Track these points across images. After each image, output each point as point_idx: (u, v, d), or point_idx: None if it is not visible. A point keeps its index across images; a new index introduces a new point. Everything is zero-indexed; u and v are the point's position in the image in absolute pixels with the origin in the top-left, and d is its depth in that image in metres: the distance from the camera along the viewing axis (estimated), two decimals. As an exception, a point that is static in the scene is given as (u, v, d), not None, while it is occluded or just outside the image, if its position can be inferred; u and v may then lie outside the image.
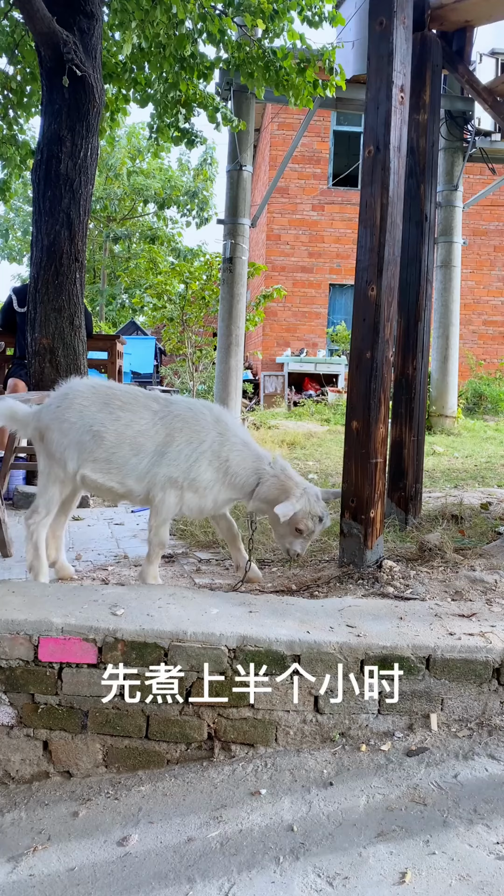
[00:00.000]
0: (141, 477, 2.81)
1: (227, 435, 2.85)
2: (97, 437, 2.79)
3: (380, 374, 3.07)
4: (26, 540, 2.92)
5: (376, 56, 3.07)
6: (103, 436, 2.79)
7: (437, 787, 2.00)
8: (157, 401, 2.91)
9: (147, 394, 2.95)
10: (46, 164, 4.85)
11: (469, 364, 14.67)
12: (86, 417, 2.81)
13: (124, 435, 2.80)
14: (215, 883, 1.70)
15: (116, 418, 2.81)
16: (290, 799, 1.99)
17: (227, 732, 2.19)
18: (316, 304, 15.71)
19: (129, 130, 20.36)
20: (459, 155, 9.67)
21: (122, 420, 2.81)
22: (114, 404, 2.84)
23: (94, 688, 2.18)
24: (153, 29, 5.58)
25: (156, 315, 13.78)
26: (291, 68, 6.18)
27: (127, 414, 2.83)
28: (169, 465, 2.78)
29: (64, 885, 1.74)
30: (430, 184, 4.01)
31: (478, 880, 1.67)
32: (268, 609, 2.45)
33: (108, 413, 2.82)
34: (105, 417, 2.81)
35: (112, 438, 2.79)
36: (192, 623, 2.25)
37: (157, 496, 2.81)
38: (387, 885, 1.66)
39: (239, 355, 9.17)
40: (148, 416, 2.84)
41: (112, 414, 2.82)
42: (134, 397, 2.89)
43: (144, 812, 1.99)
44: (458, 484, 5.63)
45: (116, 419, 2.81)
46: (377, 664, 2.21)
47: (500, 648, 2.25)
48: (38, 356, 4.90)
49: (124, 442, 2.79)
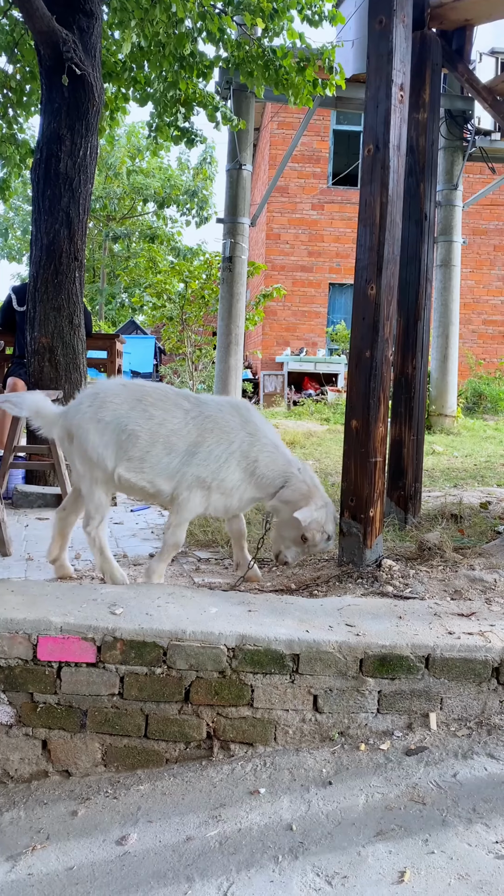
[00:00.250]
0: (171, 476, 2.80)
1: (258, 436, 2.84)
2: (132, 437, 2.78)
3: (379, 374, 3.07)
4: (90, 546, 2.92)
5: (376, 55, 3.07)
6: (138, 435, 2.78)
7: (436, 787, 2.00)
8: (188, 399, 2.90)
9: (178, 392, 2.94)
10: (46, 163, 4.85)
11: (469, 363, 14.67)
12: (120, 416, 2.80)
13: (158, 434, 2.79)
14: (214, 882, 1.70)
15: (150, 417, 2.81)
16: (289, 798, 1.99)
17: (226, 731, 2.19)
18: (315, 303, 15.71)
19: (129, 129, 20.36)
20: (459, 154, 9.67)
21: (156, 419, 2.81)
22: (146, 402, 2.83)
23: (93, 687, 2.18)
24: (153, 28, 5.58)
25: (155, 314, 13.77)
26: (291, 67, 6.18)
27: (160, 412, 2.82)
28: (199, 465, 2.77)
29: (63, 885, 1.74)
30: (429, 183, 4.01)
31: (477, 879, 1.67)
32: (267, 608, 2.45)
33: (141, 411, 2.81)
34: (139, 416, 2.80)
35: (146, 437, 2.78)
36: (191, 622, 2.25)
37: (181, 495, 2.79)
38: (386, 884, 1.66)
39: (238, 354, 9.17)
40: (180, 416, 2.83)
41: (145, 412, 2.81)
42: (165, 395, 2.89)
43: (143, 811, 1.99)
44: (458, 483, 5.63)
45: (150, 417, 2.80)
46: (376, 663, 2.21)
47: (500, 647, 2.25)
48: (37, 355, 4.90)
49: (158, 441, 2.79)
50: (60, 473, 4.62)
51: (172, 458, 2.79)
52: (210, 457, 2.77)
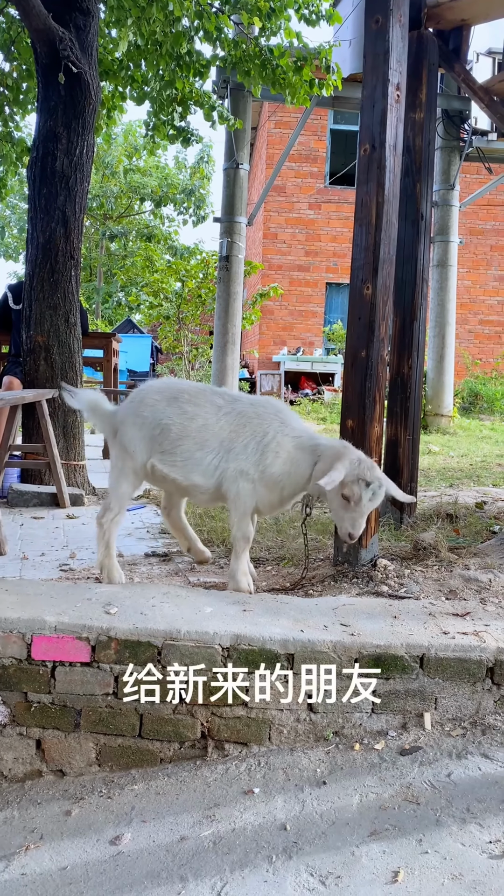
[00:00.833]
0: (207, 472, 2.85)
1: (289, 422, 2.88)
2: (165, 430, 2.87)
3: (375, 373, 3.07)
4: (98, 538, 2.96)
5: (372, 54, 3.07)
6: (170, 428, 2.86)
7: (430, 786, 2.00)
8: (223, 397, 2.96)
9: (214, 389, 3.00)
10: (42, 161, 4.84)
11: (465, 363, 14.68)
12: (157, 412, 2.90)
13: (188, 428, 2.86)
14: (208, 882, 1.70)
15: (182, 412, 2.88)
16: (283, 798, 1.99)
17: (221, 731, 2.19)
18: (312, 302, 15.72)
19: (126, 128, 20.31)
20: (456, 154, 9.67)
21: (188, 414, 2.88)
22: (182, 398, 2.92)
23: (87, 686, 2.17)
24: (149, 26, 5.57)
25: (152, 313, 13.77)
26: (288, 66, 6.17)
27: (192, 408, 2.89)
28: (237, 458, 2.81)
29: (56, 885, 1.73)
30: (426, 182, 4.00)
31: (470, 879, 1.67)
32: (262, 608, 2.45)
33: (175, 407, 2.90)
34: (172, 411, 2.89)
35: (177, 431, 2.86)
36: (185, 622, 2.25)
37: (230, 490, 2.83)
38: (379, 884, 1.66)
39: (235, 354, 9.17)
40: (212, 412, 2.89)
41: (179, 408, 2.89)
42: (201, 392, 2.95)
43: (137, 811, 1.99)
44: (454, 483, 5.63)
45: (182, 413, 2.88)
46: (371, 663, 2.21)
47: (494, 647, 2.26)
48: (32, 354, 4.89)
49: (188, 435, 2.85)
50: (56, 472, 4.62)
51: (205, 453, 2.84)
52: (247, 450, 2.82)
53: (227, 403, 2.92)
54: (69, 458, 4.94)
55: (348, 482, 2.68)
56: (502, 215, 15.76)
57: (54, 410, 4.85)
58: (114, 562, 2.94)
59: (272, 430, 2.83)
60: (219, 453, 2.84)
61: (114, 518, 2.94)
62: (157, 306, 13.42)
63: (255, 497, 2.84)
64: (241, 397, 2.98)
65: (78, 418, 5.05)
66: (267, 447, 2.81)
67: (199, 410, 2.88)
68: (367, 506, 2.71)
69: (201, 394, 2.94)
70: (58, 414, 4.89)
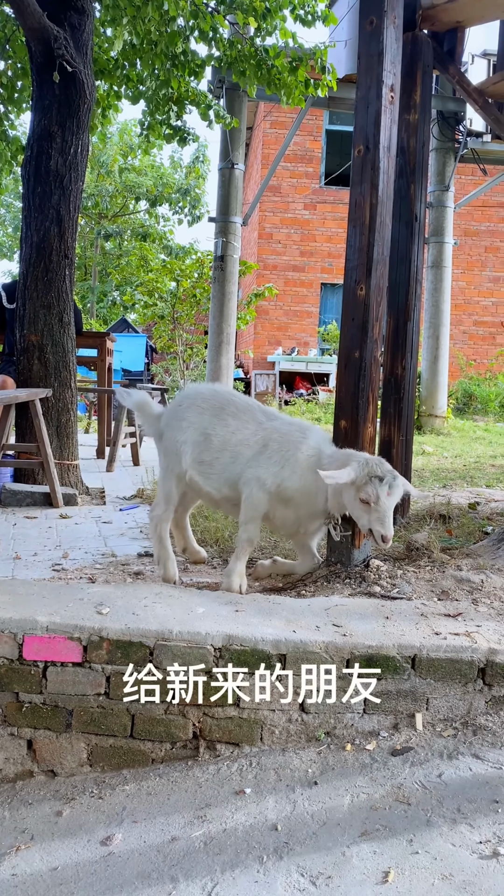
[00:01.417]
0: (233, 483, 2.89)
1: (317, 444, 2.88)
2: (207, 440, 2.91)
3: (368, 374, 3.08)
4: (150, 532, 3.09)
5: (366, 55, 3.07)
6: (211, 439, 2.91)
7: (421, 787, 2.00)
8: (266, 414, 3.00)
9: (260, 407, 3.03)
10: (36, 160, 4.83)
11: (459, 364, 14.72)
12: (203, 420, 2.94)
13: (228, 441, 2.90)
14: (198, 882, 1.70)
15: (226, 425, 2.92)
16: (274, 798, 1.99)
17: (213, 731, 2.19)
18: (307, 303, 15.72)
19: (122, 127, 20.28)
20: (451, 155, 9.69)
21: (230, 427, 2.92)
22: (228, 411, 2.96)
23: (78, 686, 2.17)
24: (145, 25, 5.57)
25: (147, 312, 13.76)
26: (283, 67, 6.17)
27: (235, 422, 2.93)
28: (258, 465, 2.85)
29: (47, 885, 1.73)
30: (420, 184, 4.01)
31: (460, 880, 1.67)
32: (254, 608, 2.45)
33: (220, 419, 2.94)
34: (218, 423, 2.93)
35: (217, 443, 2.90)
36: (177, 622, 2.25)
37: (244, 492, 2.86)
38: (370, 884, 1.66)
39: (230, 353, 9.17)
40: (252, 428, 2.93)
41: (223, 420, 2.93)
42: (248, 407, 2.99)
43: (129, 811, 1.98)
44: (447, 483, 5.64)
45: (226, 426, 2.92)
46: (363, 663, 2.21)
47: (486, 648, 2.26)
48: (26, 353, 4.88)
49: (227, 448, 2.90)
50: (49, 472, 4.61)
51: (237, 465, 2.89)
52: (270, 460, 2.85)
53: (267, 420, 2.96)
54: (63, 457, 4.93)
55: (361, 485, 2.63)
56: (497, 217, 15.80)
57: (48, 410, 4.84)
58: (168, 552, 3.03)
59: (294, 447, 2.86)
60: (245, 465, 2.89)
61: (162, 514, 3.04)
62: (151, 306, 13.40)
63: (267, 505, 2.86)
64: (279, 416, 3.03)
65: (71, 417, 5.04)
66: (287, 461, 2.83)
67: (241, 425, 2.92)
68: (387, 502, 2.64)
69: (248, 409, 2.98)
70: (51, 413, 4.88)
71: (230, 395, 3.04)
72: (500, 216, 15.80)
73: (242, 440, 2.90)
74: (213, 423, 2.93)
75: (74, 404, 5.08)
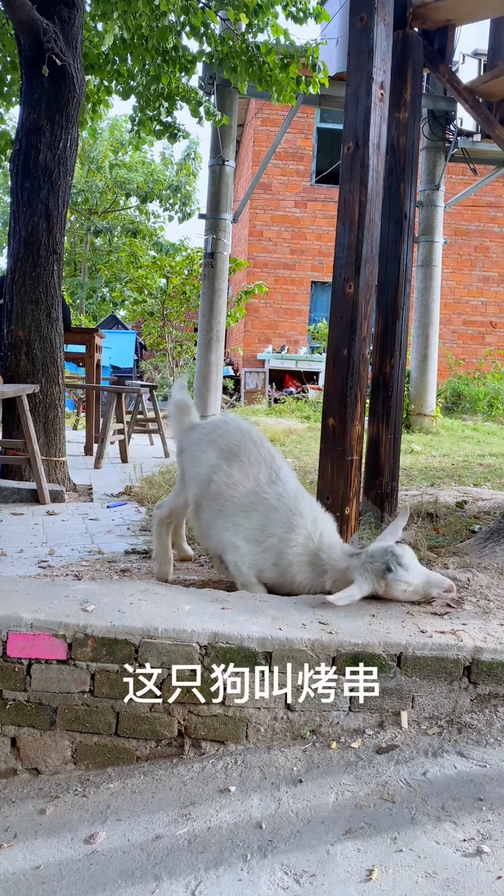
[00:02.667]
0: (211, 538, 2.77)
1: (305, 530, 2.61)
2: (209, 484, 2.74)
3: (356, 372, 3.07)
4: (153, 529, 3.10)
5: (356, 52, 3.07)
6: (211, 486, 2.73)
7: (405, 785, 2.00)
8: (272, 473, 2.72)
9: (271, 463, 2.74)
10: (25, 154, 4.80)
11: (448, 363, 14.77)
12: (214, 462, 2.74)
13: (221, 493, 2.71)
14: (182, 881, 1.69)
15: (228, 475, 2.71)
16: (259, 796, 1.98)
17: (198, 729, 2.18)
18: (297, 301, 15.72)
19: (112, 123, 20.19)
20: (441, 155, 9.71)
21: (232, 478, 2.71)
22: (240, 459, 2.73)
23: (63, 684, 2.16)
24: (135, 20, 5.54)
25: (136, 309, 13.72)
26: (275, 64, 6.16)
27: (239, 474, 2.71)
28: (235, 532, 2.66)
29: (29, 884, 1.72)
30: (409, 182, 4.01)
31: (444, 877, 1.67)
32: (241, 606, 2.44)
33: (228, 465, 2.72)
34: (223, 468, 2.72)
35: (213, 490, 2.73)
36: (163, 620, 2.24)
37: (225, 558, 2.73)
38: (353, 882, 1.66)
39: (220, 351, 9.15)
40: (251, 485, 2.70)
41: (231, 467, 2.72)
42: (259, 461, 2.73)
43: (113, 809, 1.97)
44: (435, 482, 5.66)
45: (228, 476, 2.71)
46: (349, 661, 2.21)
47: (471, 646, 2.26)
48: (13, 349, 4.85)
49: (218, 498, 2.72)
50: (36, 468, 4.58)
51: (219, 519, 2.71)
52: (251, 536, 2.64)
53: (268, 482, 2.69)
54: (50, 454, 4.91)
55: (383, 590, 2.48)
56: (487, 216, 15.86)
57: (35, 406, 4.81)
58: (165, 552, 3.02)
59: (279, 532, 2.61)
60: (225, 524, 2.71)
61: (163, 516, 3.03)
62: (141, 302, 13.37)
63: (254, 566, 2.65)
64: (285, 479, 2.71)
65: (59, 414, 5.02)
66: (269, 547, 2.62)
67: (242, 478, 2.70)
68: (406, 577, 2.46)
69: (258, 463, 2.73)
70: (39, 409, 4.86)
71: (251, 443, 2.77)
72: (490, 216, 15.86)
73: (233, 496, 2.68)
74: (219, 468, 2.72)
75: (62, 400, 5.05)
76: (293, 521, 2.60)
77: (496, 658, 2.25)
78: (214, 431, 2.86)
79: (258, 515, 2.64)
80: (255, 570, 2.63)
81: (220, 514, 2.72)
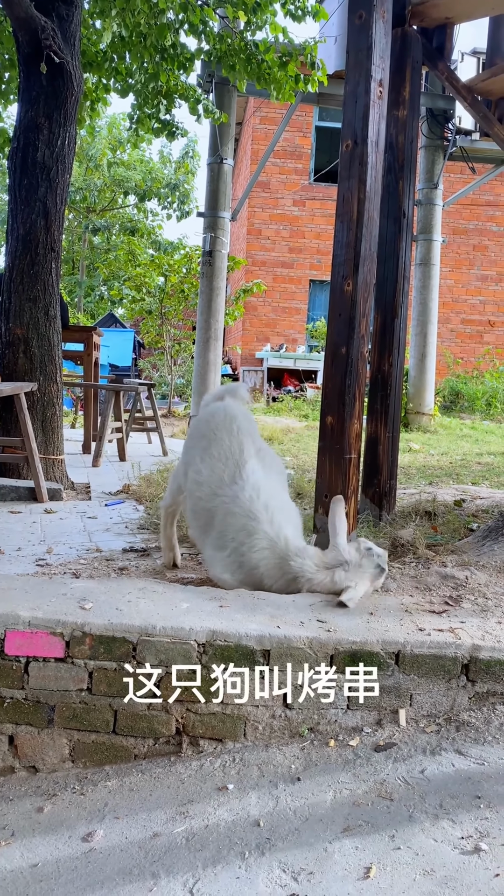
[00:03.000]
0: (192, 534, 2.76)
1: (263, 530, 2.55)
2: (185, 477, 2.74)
3: (355, 370, 3.07)
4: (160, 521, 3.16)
5: (355, 50, 3.06)
6: (186, 480, 2.72)
7: (403, 783, 2.00)
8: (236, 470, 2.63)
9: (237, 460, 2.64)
10: (23, 152, 4.79)
11: (447, 362, 14.78)
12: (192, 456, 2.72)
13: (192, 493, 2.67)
14: (180, 878, 1.69)
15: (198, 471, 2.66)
16: (257, 794, 1.98)
17: (196, 727, 2.18)
18: (296, 299, 15.72)
19: (110, 121, 20.16)
20: (440, 153, 9.71)
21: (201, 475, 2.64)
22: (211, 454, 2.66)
23: (61, 682, 2.15)
24: (134, 18, 5.53)
25: (134, 307, 13.70)
26: (273, 62, 6.15)
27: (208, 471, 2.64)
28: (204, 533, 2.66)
29: (27, 882, 1.71)
30: (408, 180, 4.01)
31: (442, 875, 1.67)
32: (239, 604, 2.44)
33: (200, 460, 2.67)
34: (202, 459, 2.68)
35: (188, 486, 2.72)
36: (161, 617, 2.23)
37: (204, 559, 2.73)
38: (351, 879, 1.66)
39: (218, 349, 9.15)
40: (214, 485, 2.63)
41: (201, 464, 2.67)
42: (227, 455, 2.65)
43: (110, 807, 1.97)
44: (433, 481, 5.66)
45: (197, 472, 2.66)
46: (347, 659, 2.21)
47: (469, 644, 2.26)
48: (11, 346, 4.84)
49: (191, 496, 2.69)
50: (34, 466, 4.58)
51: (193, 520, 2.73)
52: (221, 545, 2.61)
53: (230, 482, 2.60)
54: (48, 452, 4.90)
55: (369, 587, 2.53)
56: (485, 215, 15.86)
57: (33, 404, 4.81)
58: (170, 542, 3.11)
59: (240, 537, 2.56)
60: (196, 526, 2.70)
61: (166, 505, 3.09)
62: (139, 301, 13.35)
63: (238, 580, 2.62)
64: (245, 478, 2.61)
65: (57, 412, 5.01)
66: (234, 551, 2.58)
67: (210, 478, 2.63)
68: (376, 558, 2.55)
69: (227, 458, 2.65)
70: (37, 408, 4.85)
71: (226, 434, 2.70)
72: (489, 215, 15.86)
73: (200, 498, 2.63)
74: (192, 463, 2.68)
75: (60, 398, 5.04)
76: (248, 526, 2.55)
77: (494, 656, 2.25)
78: (205, 419, 2.86)
79: (218, 521, 2.62)
80: (228, 574, 2.62)
81: (193, 513, 2.76)
